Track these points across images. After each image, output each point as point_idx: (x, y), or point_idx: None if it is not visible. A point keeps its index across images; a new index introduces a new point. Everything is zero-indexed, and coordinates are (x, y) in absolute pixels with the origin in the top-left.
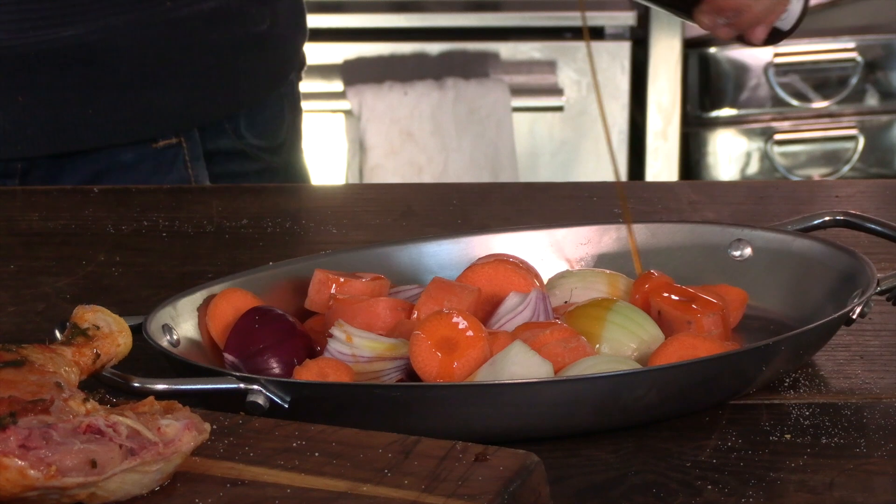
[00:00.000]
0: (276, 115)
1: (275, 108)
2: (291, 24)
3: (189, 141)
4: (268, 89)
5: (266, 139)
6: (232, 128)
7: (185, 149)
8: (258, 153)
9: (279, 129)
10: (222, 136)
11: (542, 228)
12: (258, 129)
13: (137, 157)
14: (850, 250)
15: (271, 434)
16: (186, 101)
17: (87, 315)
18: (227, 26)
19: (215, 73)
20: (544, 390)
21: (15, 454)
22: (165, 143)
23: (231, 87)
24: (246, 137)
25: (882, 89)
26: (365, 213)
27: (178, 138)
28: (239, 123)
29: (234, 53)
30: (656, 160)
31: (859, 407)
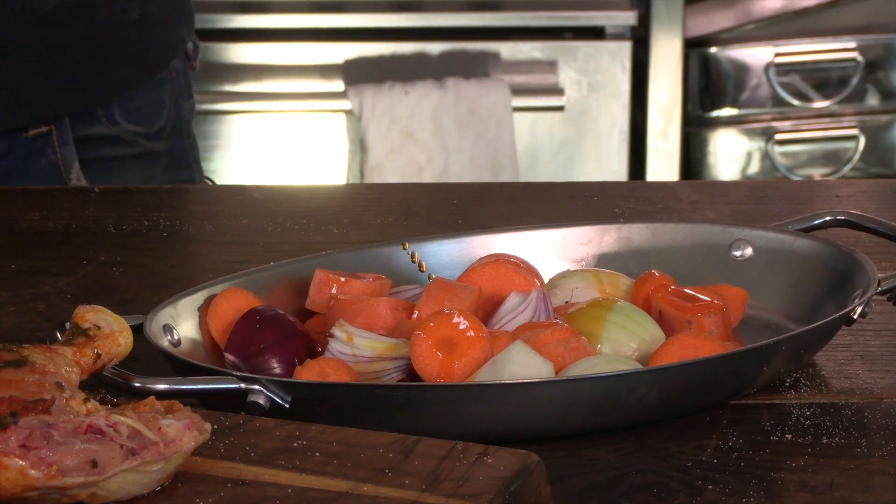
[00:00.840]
0: (155, 100)
1: (153, 94)
2: (168, 12)
3: (59, 128)
4: (142, 77)
5: (143, 125)
6: (105, 114)
7: (55, 136)
8: (135, 138)
9: (158, 114)
10: (95, 122)
11: (542, 228)
12: (134, 116)
13: (8, 146)
14: (851, 250)
15: (272, 434)
16: (54, 91)
17: (88, 315)
18: (93, 16)
19: (83, 62)
20: (545, 390)
21: (16, 454)
22: (36, 132)
23: (100, 76)
24: (120, 123)
25: (883, 89)
26: (365, 212)
27: (49, 126)
28: (112, 110)
29: (102, 43)
30: (657, 160)
31: (860, 407)
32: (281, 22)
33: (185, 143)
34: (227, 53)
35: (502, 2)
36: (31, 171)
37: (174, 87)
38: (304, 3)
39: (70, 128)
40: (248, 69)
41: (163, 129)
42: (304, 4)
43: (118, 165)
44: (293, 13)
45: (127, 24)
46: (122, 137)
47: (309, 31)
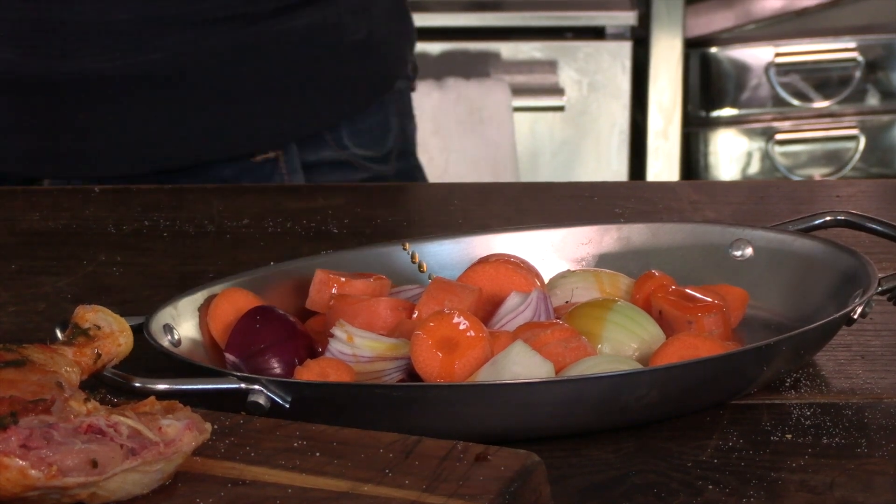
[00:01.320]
0: (382, 123)
1: (379, 116)
2: (393, 31)
3: (287, 154)
4: (369, 99)
5: (372, 148)
6: (333, 138)
7: (282, 162)
8: (364, 162)
9: (385, 137)
10: (323, 147)
11: (543, 228)
12: (362, 139)
13: (237, 172)
14: (851, 250)
15: (272, 434)
16: (283, 116)
17: (88, 315)
18: (321, 39)
19: (311, 86)
20: (545, 390)
21: (16, 454)
22: (263, 158)
23: (328, 100)
24: (349, 147)
25: (883, 89)
26: (366, 212)
27: (276, 152)
28: (341, 133)
29: (330, 66)
30: (657, 160)
31: (860, 407)
32: None
33: (412, 165)
34: None
35: (502, 2)
36: None
37: (400, 108)
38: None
39: (298, 153)
40: None
41: (390, 152)
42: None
43: None
44: None
45: (354, 44)
46: (350, 162)
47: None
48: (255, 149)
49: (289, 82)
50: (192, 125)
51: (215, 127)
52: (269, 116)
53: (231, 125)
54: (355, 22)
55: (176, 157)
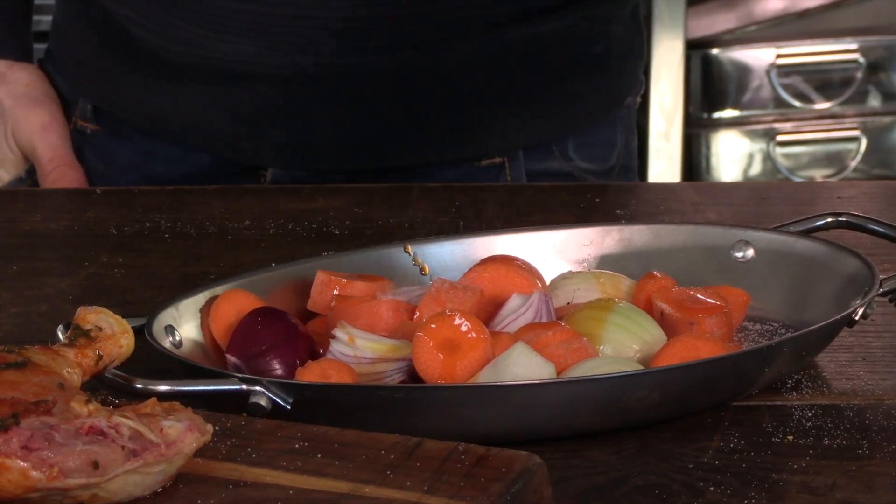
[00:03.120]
0: (609, 138)
1: (607, 131)
2: (626, 47)
3: (512, 161)
4: (600, 113)
5: (596, 162)
6: (559, 149)
7: (507, 169)
8: (586, 176)
9: (611, 153)
10: (549, 157)
11: (544, 229)
12: (587, 153)
13: (459, 174)
14: (853, 252)
15: (274, 435)
16: (514, 123)
17: (90, 316)
18: (560, 48)
19: (545, 95)
20: (547, 391)
21: (17, 455)
22: (489, 163)
23: (561, 111)
24: (574, 160)
25: (884, 90)
26: (367, 213)
27: (502, 158)
28: (567, 146)
29: (566, 76)
30: (658, 161)
31: (861, 408)
32: None
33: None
34: None
35: None
36: None
37: (626, 124)
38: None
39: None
40: None
41: (613, 168)
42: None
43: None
44: None
45: (592, 57)
46: (573, 174)
47: None
48: (482, 153)
49: (523, 90)
50: (420, 124)
51: (443, 128)
52: (501, 122)
53: (462, 129)
54: (594, 35)
55: (402, 155)
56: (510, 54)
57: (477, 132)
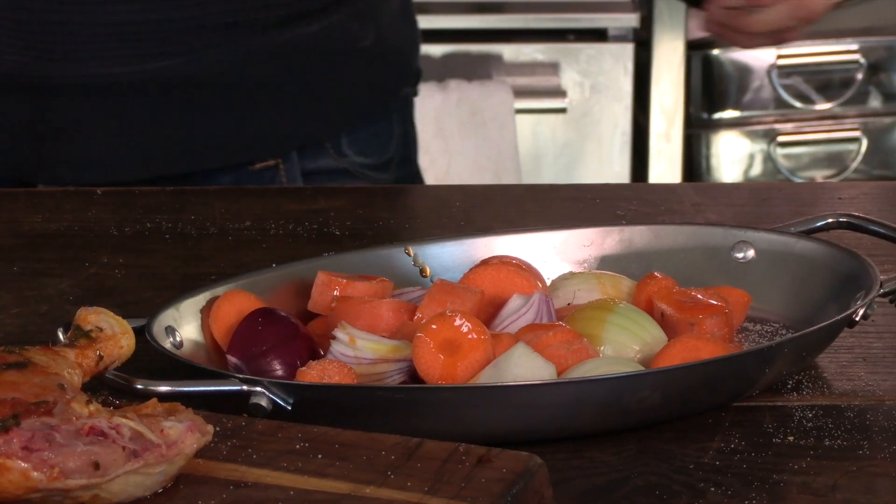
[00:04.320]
0: (384, 131)
1: (381, 124)
2: (400, 36)
3: (286, 162)
4: (373, 107)
5: (372, 156)
6: (333, 146)
7: (282, 170)
8: (362, 171)
9: (387, 145)
10: (322, 155)
11: (545, 230)
12: (362, 147)
13: (234, 179)
14: (853, 252)
15: (274, 436)
16: (285, 124)
17: (91, 317)
18: (328, 46)
19: (316, 94)
20: (547, 392)
21: (18, 456)
22: (263, 166)
23: (334, 108)
24: (348, 155)
25: (885, 91)
26: (368, 214)
27: (276, 160)
28: (340, 142)
29: (336, 73)
30: (659, 162)
31: (862, 409)
32: None
33: (412, 172)
34: None
35: (505, 4)
36: None
37: (403, 115)
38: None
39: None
40: None
41: (391, 160)
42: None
43: None
44: None
45: (361, 51)
46: (349, 170)
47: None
48: (255, 157)
49: (294, 90)
50: (193, 132)
51: (216, 134)
52: (271, 124)
53: (232, 133)
54: (363, 28)
55: (176, 164)
56: (278, 57)
57: (248, 136)
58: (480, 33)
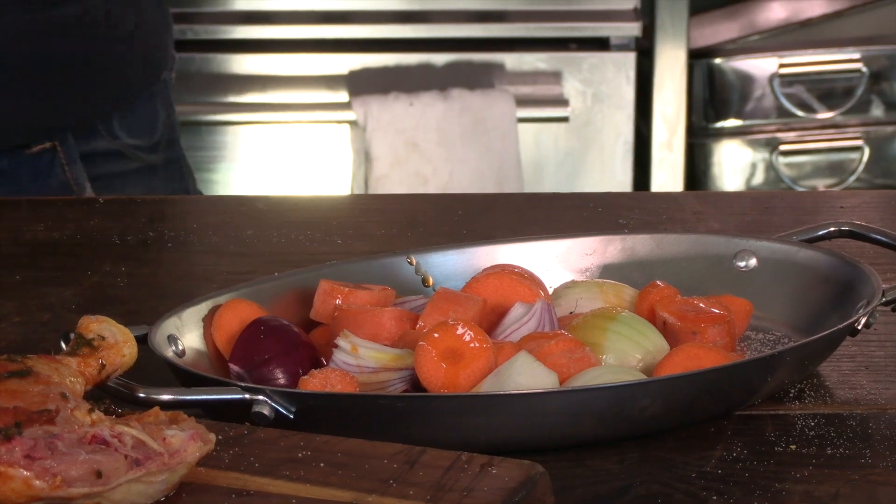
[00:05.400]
0: (150, 113)
1: (147, 106)
2: (158, 22)
3: (64, 145)
4: (140, 89)
5: (142, 138)
6: (106, 129)
7: (61, 153)
8: (135, 152)
9: (154, 127)
10: (97, 137)
11: (547, 239)
12: (132, 129)
13: (13, 164)
14: (855, 261)
15: (276, 444)
16: (56, 105)
17: (93, 325)
18: (91, 29)
19: (80, 75)
20: (549, 401)
21: (20, 464)
22: (40, 149)
23: (98, 89)
24: (121, 137)
25: (887, 100)
26: (370, 223)
27: (52, 143)
28: (112, 124)
29: (101, 55)
30: (661, 171)
31: (864, 417)
32: (286, 33)
33: (178, 154)
34: (232, 64)
35: (507, 13)
36: (43, 191)
37: (165, 98)
38: (309, 14)
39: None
40: (253, 80)
41: (159, 142)
42: (309, 15)
43: (121, 181)
44: (298, 24)
45: (122, 36)
46: (122, 152)
47: (314, 42)
48: (31, 139)
49: (59, 71)
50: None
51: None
52: (40, 105)
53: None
54: (125, 13)
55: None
56: (41, 39)
57: (22, 118)
58: (483, 42)
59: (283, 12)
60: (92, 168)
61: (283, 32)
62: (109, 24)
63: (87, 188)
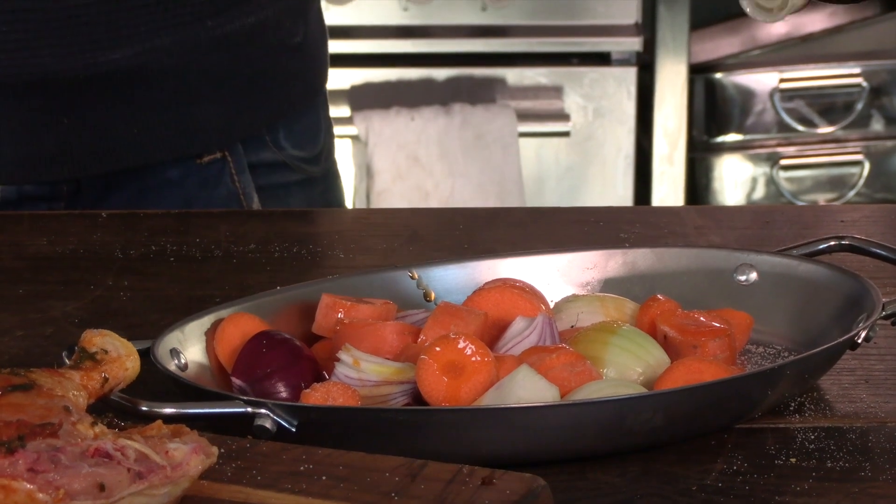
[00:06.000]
0: (314, 124)
1: (311, 117)
2: (319, 34)
3: (234, 155)
4: (305, 99)
5: (305, 149)
6: (272, 140)
7: (231, 162)
8: (298, 164)
9: (317, 138)
10: (263, 148)
11: (548, 253)
12: (297, 140)
13: (183, 173)
14: (856, 275)
15: (279, 457)
16: (228, 115)
17: (96, 339)
18: (264, 40)
19: (255, 86)
20: (551, 414)
21: (23, 477)
22: (210, 158)
23: (270, 99)
24: (286, 148)
25: (887, 115)
26: (372, 237)
27: (223, 153)
28: (278, 135)
29: (272, 66)
30: (662, 185)
31: (864, 431)
32: None
33: (335, 167)
34: None
35: (508, 28)
36: (211, 200)
37: (326, 110)
38: None
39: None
40: None
41: (321, 153)
42: None
43: (284, 192)
44: None
45: (292, 47)
46: (287, 163)
47: None
48: (203, 149)
49: (233, 82)
50: (142, 126)
51: (164, 127)
52: (215, 116)
53: (179, 125)
54: (294, 24)
55: (127, 159)
56: (219, 50)
57: (194, 128)
58: (484, 57)
59: None
60: (258, 178)
61: None
62: (280, 35)
63: (254, 198)
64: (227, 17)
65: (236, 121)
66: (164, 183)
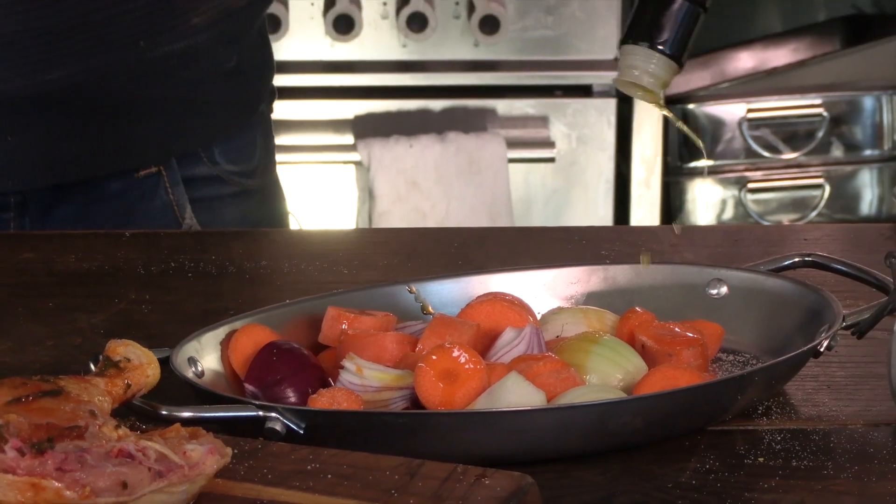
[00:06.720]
0: (249, 143)
1: (247, 136)
2: (258, 62)
3: (168, 169)
4: (239, 120)
5: (240, 165)
6: (207, 156)
7: (165, 176)
8: (233, 177)
9: (252, 155)
10: (198, 163)
11: (535, 269)
12: (232, 157)
13: (123, 186)
14: (818, 289)
15: (288, 457)
16: (165, 133)
17: (119, 349)
18: (197, 64)
19: (189, 106)
20: (538, 417)
21: (52, 476)
22: (146, 172)
23: (204, 120)
24: (220, 164)
25: (846, 142)
26: (374, 255)
27: (158, 167)
28: (213, 151)
29: (204, 89)
30: (640, 207)
31: (827, 432)
32: (296, 81)
33: (274, 179)
34: None
35: (499, 62)
36: (148, 211)
37: (263, 129)
38: (318, 64)
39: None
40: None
41: (256, 168)
42: (318, 65)
43: (219, 204)
44: (308, 73)
45: (225, 71)
46: (221, 177)
47: (322, 90)
48: (140, 164)
49: (170, 105)
50: (81, 143)
51: (106, 143)
52: (153, 135)
53: (117, 142)
54: (227, 52)
55: (71, 173)
56: (154, 71)
57: (133, 145)
58: (476, 89)
59: (294, 63)
60: (193, 191)
61: (295, 81)
62: (213, 60)
63: (187, 209)
64: (159, 41)
65: (172, 139)
66: (107, 196)
